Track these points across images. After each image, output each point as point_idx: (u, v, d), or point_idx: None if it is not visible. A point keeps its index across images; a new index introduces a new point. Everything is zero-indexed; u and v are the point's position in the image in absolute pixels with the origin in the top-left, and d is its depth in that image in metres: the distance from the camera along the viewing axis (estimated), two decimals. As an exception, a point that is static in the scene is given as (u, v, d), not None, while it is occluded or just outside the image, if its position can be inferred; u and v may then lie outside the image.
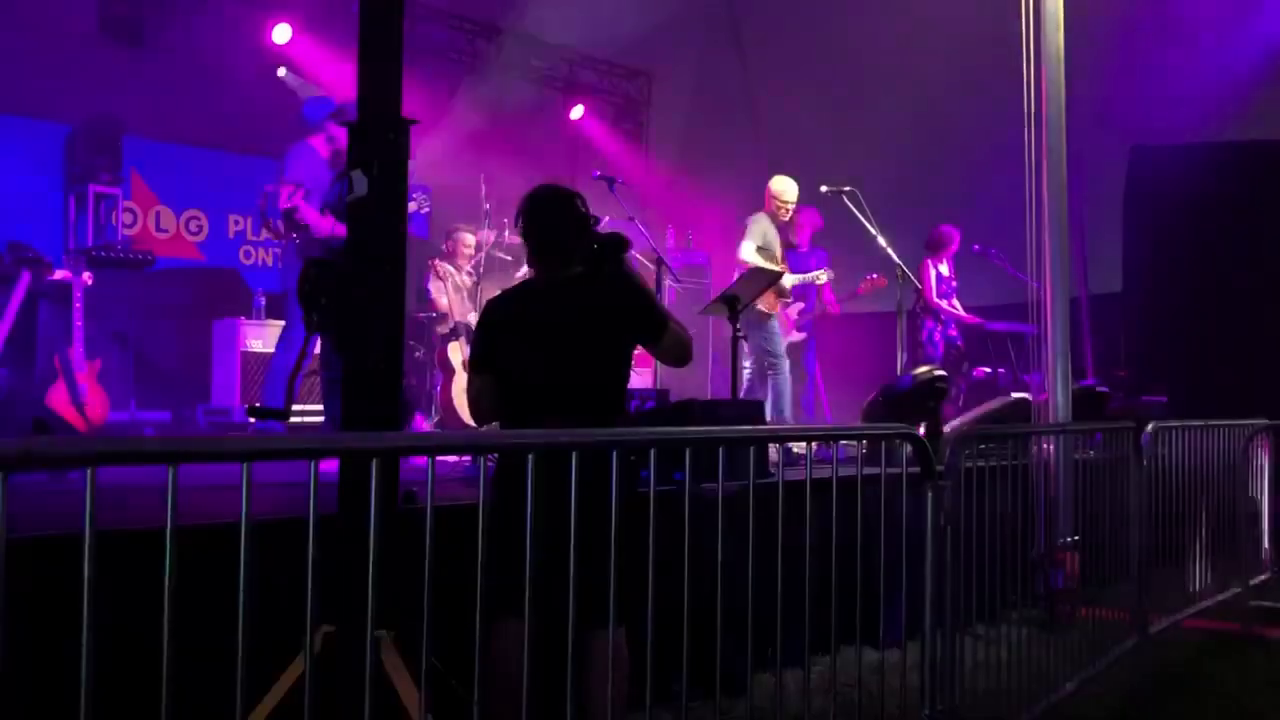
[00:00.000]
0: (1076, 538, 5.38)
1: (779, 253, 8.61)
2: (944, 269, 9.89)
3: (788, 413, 8.48)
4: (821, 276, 9.06)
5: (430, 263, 8.51)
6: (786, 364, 8.55)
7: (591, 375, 3.72)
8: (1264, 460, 7.00)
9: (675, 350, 3.93)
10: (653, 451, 2.74)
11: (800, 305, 9.28)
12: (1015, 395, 8.13)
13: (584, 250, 3.84)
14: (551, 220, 3.83)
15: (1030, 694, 4.31)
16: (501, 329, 3.81)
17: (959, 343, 9.86)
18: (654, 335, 3.84)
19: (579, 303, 3.74)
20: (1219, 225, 10.08)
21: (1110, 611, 5.28)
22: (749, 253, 8.32)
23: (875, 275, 9.22)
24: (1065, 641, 4.75)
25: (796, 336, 9.29)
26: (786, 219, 8.76)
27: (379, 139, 2.93)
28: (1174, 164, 10.25)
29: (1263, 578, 6.81)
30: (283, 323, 7.50)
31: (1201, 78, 10.51)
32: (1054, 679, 4.54)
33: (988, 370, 10.29)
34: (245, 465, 1.93)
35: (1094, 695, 4.88)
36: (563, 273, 3.80)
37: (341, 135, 6.94)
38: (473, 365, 3.88)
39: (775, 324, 8.57)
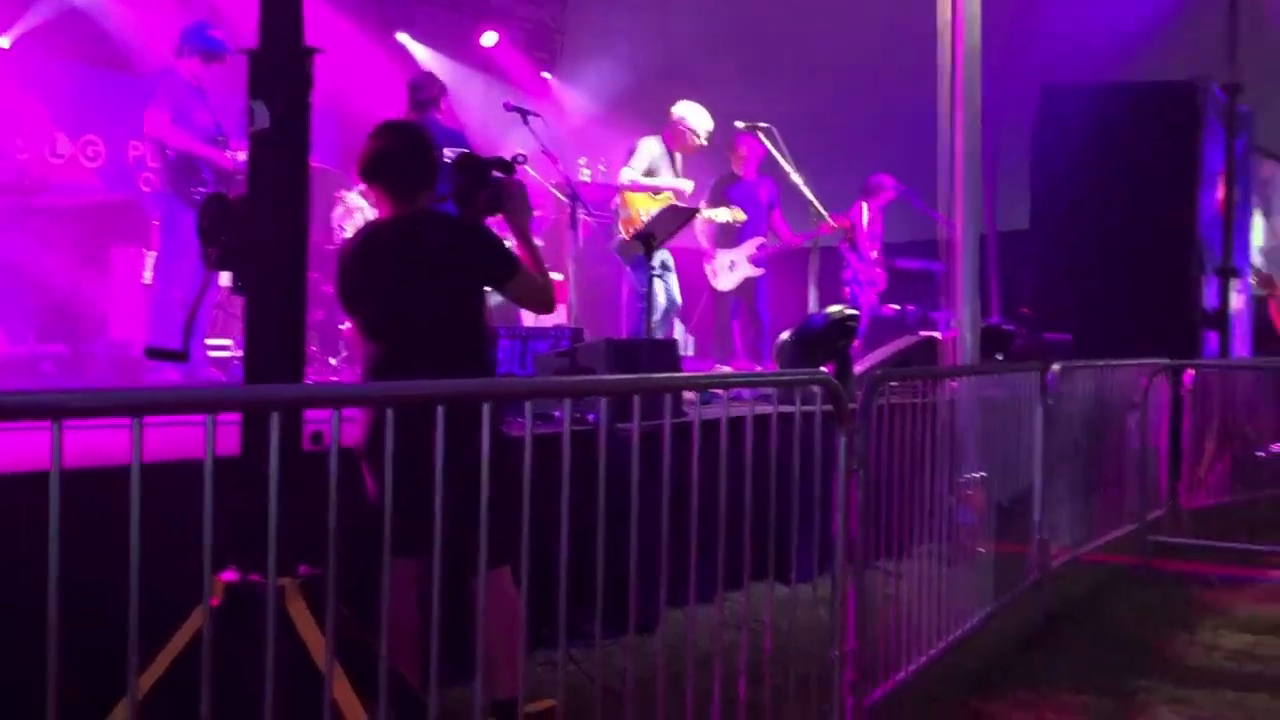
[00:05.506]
0: (983, 474, 5.45)
1: (670, 180, 8.16)
2: (864, 218, 9.80)
3: None
4: (723, 214, 8.57)
5: (337, 195, 8.23)
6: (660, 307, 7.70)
7: (437, 315, 3.64)
8: (1163, 399, 7.18)
9: (532, 295, 3.86)
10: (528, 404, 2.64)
11: (759, 240, 8.97)
12: (922, 334, 8.23)
13: (473, 184, 3.81)
14: (403, 155, 3.73)
15: (937, 628, 4.39)
16: (352, 269, 3.73)
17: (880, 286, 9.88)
18: (500, 278, 3.76)
19: (420, 242, 3.66)
20: (1125, 164, 10.21)
21: (1014, 546, 5.39)
22: (626, 176, 7.98)
23: (840, 215, 8.73)
24: (971, 576, 4.84)
25: (753, 271, 8.98)
26: (693, 150, 8.31)
27: (281, 68, 2.79)
28: (1082, 103, 10.35)
29: (1159, 514, 7.01)
30: None
31: (1111, 17, 10.62)
32: (960, 613, 4.63)
33: (895, 308, 10.39)
34: (136, 420, 1.84)
35: (998, 629, 4.99)
36: (410, 208, 3.72)
37: (198, 69, 7.02)
38: (342, 307, 3.84)
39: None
